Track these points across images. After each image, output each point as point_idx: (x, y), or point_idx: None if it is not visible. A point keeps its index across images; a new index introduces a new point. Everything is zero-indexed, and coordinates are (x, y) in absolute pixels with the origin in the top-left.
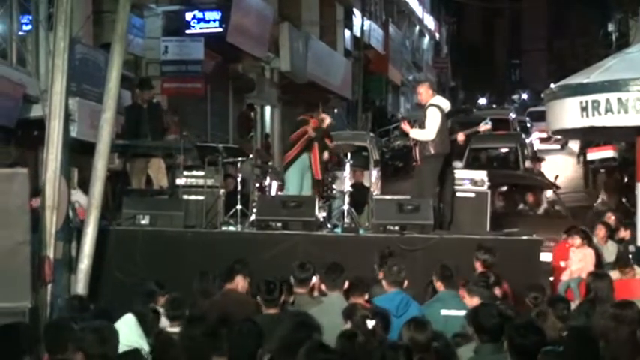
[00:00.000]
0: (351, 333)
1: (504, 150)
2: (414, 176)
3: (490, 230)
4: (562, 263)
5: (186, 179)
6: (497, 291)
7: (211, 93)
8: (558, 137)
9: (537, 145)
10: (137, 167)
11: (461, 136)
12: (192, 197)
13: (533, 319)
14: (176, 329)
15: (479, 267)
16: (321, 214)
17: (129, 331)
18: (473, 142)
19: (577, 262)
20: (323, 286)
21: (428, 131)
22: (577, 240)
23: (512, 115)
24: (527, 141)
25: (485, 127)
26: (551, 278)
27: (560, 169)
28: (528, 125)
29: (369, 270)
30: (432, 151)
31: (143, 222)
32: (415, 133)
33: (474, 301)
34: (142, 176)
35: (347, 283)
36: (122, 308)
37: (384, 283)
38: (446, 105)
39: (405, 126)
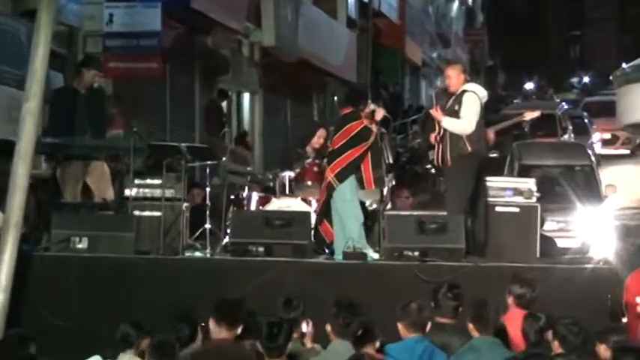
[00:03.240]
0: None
1: (571, 168)
2: (441, 183)
3: (542, 256)
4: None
5: (138, 189)
6: (549, 336)
7: (171, 75)
8: (627, 138)
9: (598, 150)
10: (72, 174)
11: (490, 134)
12: (147, 213)
13: None
14: None
15: (512, 305)
16: None
17: None
18: (523, 155)
19: None
20: (328, 328)
21: (465, 121)
22: None
23: (562, 107)
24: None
25: (532, 115)
26: (624, 320)
27: (633, 180)
28: (586, 121)
29: (380, 309)
30: (469, 148)
31: (80, 246)
32: (449, 123)
33: (554, 348)
34: (77, 185)
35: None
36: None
37: (400, 326)
38: (483, 94)
39: (437, 112)
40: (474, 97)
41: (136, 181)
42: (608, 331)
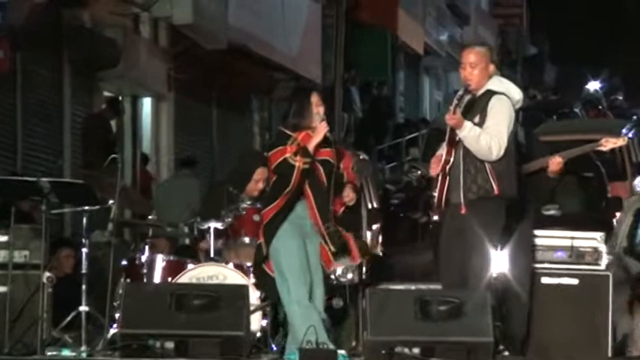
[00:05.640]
0: None
1: None
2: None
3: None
4: None
5: None
6: None
7: (25, 71)
8: None
9: None
10: None
11: (555, 164)
12: None
13: None
14: None
15: None
16: (258, 323)
17: None
18: None
19: None
20: None
21: (493, 139)
22: None
23: (631, 130)
24: None
25: (614, 143)
26: None
27: None
28: None
29: None
30: (495, 189)
31: None
32: (474, 133)
33: None
34: None
35: None
36: None
37: None
38: (517, 98)
39: (454, 116)
40: (507, 103)
41: None
42: None
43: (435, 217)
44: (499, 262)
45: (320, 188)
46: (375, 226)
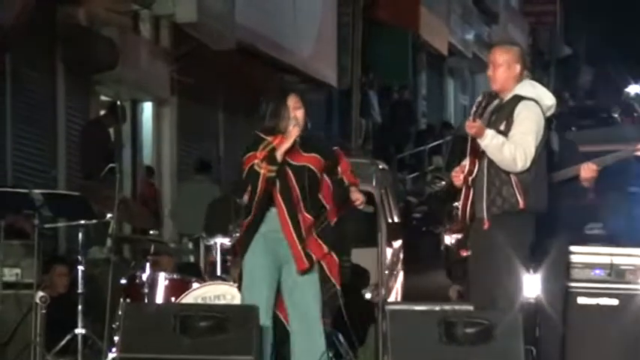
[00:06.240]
0: None
1: None
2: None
3: None
4: None
5: None
6: None
7: (15, 73)
8: None
9: None
10: None
11: (588, 171)
12: None
13: None
14: None
15: None
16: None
17: None
18: None
19: None
20: None
21: (518, 149)
22: None
23: None
24: None
25: None
26: None
27: None
28: None
29: None
30: (520, 203)
31: None
32: (497, 141)
33: None
34: None
35: None
36: None
37: None
38: (549, 104)
39: (475, 124)
40: (535, 110)
41: None
42: None
43: (447, 238)
44: (531, 284)
45: (291, 199)
46: (396, 243)
